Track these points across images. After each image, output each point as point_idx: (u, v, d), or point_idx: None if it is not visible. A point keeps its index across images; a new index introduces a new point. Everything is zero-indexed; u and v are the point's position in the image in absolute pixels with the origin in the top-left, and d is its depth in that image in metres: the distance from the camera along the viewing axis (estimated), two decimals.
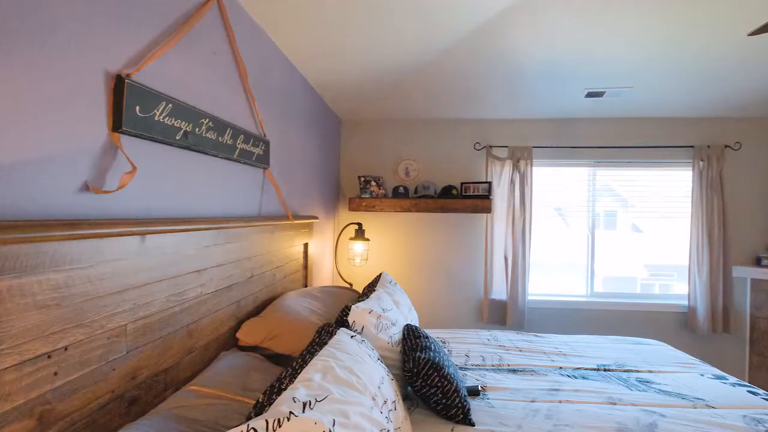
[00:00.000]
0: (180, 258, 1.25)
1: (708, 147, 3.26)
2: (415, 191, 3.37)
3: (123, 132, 1.08)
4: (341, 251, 3.40)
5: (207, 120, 1.45)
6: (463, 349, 2.13)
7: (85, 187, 0.97)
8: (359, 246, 3.13)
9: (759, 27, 1.71)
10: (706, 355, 3.25)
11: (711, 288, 3.19)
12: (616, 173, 3.50)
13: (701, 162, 3.26)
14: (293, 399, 0.91)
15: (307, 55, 2.36)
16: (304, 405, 0.90)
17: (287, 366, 1.20)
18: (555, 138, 3.40)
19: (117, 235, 0.98)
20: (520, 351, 2.12)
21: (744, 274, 3.20)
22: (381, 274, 2.28)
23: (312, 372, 1.07)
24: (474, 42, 2.34)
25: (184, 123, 1.32)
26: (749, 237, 3.27)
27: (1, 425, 0.74)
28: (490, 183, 3.33)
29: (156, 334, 1.16)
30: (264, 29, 1.98)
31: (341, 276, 3.25)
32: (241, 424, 0.80)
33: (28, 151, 0.85)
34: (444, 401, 1.43)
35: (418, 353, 1.51)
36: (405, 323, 1.83)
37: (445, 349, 2.14)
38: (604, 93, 3.01)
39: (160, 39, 1.22)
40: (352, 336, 1.40)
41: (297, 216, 2.30)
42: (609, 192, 3.59)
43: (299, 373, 1.06)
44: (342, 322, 1.56)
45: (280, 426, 0.81)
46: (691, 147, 3.28)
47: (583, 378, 1.79)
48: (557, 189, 3.53)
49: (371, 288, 2.05)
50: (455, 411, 1.42)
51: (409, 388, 1.55)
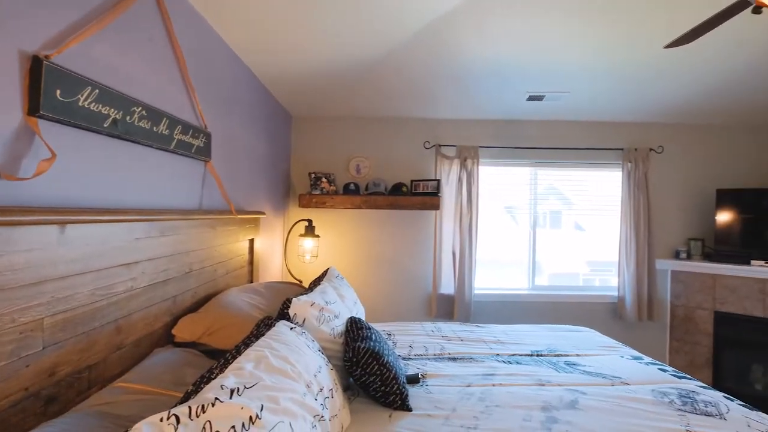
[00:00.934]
0: (108, 250, 1.20)
1: (635, 150, 3.54)
2: (366, 188, 3.40)
3: (41, 116, 1.02)
4: (291, 248, 3.37)
5: (140, 108, 1.40)
6: (408, 341, 2.19)
7: None
8: (309, 242, 3.11)
9: (673, 40, 1.89)
10: (633, 341, 3.52)
11: (637, 280, 3.47)
12: (558, 173, 3.72)
13: (629, 163, 3.53)
14: (221, 386, 0.91)
15: (255, 50, 2.33)
16: (231, 392, 0.90)
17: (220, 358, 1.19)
18: (500, 138, 3.56)
19: (31, 224, 0.93)
20: (461, 341, 2.21)
21: (665, 266, 3.51)
22: (328, 269, 2.29)
23: (245, 362, 1.06)
24: (422, 42, 2.41)
25: (113, 110, 1.27)
26: (670, 232, 3.59)
27: None
28: (438, 181, 3.43)
29: (79, 329, 1.11)
30: (205, 18, 1.94)
31: (290, 273, 3.22)
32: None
33: None
34: (383, 389, 1.47)
35: (358, 343, 1.54)
36: (349, 316, 1.85)
37: (390, 341, 2.19)
38: (544, 97, 3.19)
39: (85, 20, 1.17)
40: (291, 328, 1.40)
41: (242, 211, 2.26)
42: (554, 192, 3.80)
43: (231, 363, 1.05)
44: (283, 314, 1.56)
45: (204, 412, 0.81)
46: (621, 149, 3.55)
47: (517, 363, 1.90)
48: (503, 188, 3.69)
49: (317, 282, 2.06)
50: (393, 398, 1.46)
51: (351, 379, 1.58)
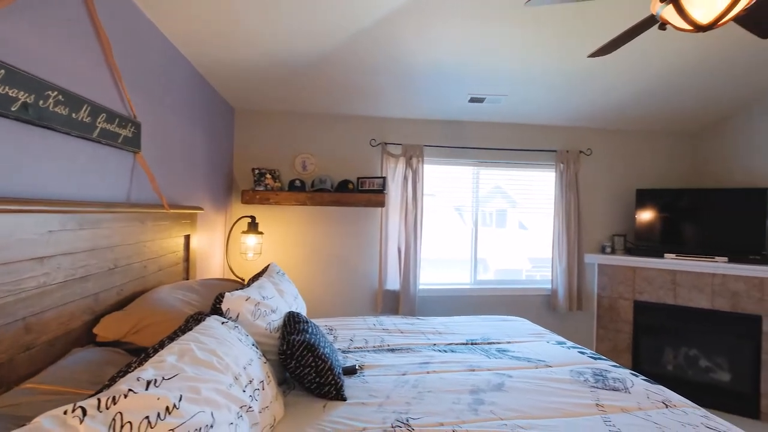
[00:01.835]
0: (13, 242, 1.12)
1: (567, 152, 3.79)
2: (312, 185, 3.38)
3: None
4: (234, 245, 3.28)
5: (56, 93, 1.32)
6: (349, 335, 2.21)
7: None
8: (252, 239, 3.05)
9: (595, 51, 2.05)
10: (564, 330, 3.77)
11: (568, 273, 3.72)
12: (500, 173, 3.88)
13: (562, 164, 3.78)
14: (137, 378, 0.88)
15: (193, 39, 2.25)
16: (148, 383, 0.87)
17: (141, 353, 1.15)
18: (444, 138, 3.67)
19: None
20: (401, 333, 2.27)
21: (593, 260, 3.79)
22: (269, 264, 2.27)
23: (167, 355, 1.04)
24: (367, 40, 2.44)
25: (22, 93, 1.19)
26: (597, 229, 3.88)
27: None
28: (384, 178, 3.48)
29: None
30: (135, 3, 1.85)
31: (232, 270, 3.14)
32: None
33: None
34: (318, 380, 1.48)
35: (293, 336, 1.54)
36: (288, 311, 1.84)
37: (331, 336, 2.20)
38: (484, 99, 3.34)
39: None
40: (223, 322, 1.38)
41: (176, 206, 2.18)
42: (500, 193, 3.98)
43: (152, 357, 1.02)
44: (216, 309, 1.53)
45: (114, 403, 0.78)
46: (554, 151, 3.79)
47: (452, 351, 1.98)
48: (448, 186, 3.81)
49: (256, 278, 2.03)
50: (328, 388, 1.48)
51: (287, 373, 1.58)
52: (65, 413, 0.73)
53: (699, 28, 1.54)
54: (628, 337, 3.62)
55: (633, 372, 1.75)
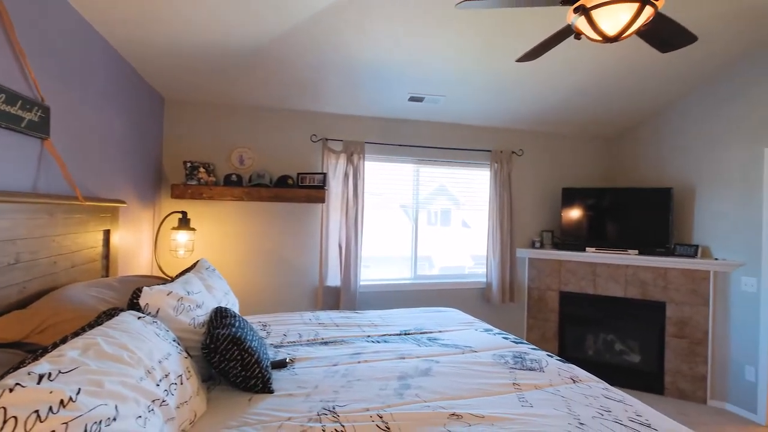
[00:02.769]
0: None
1: (501, 152, 3.99)
2: (250, 180, 3.29)
3: None
4: (163, 242, 3.11)
5: None
6: (283, 330, 2.19)
7: None
8: (183, 236, 2.91)
9: (522, 55, 2.17)
10: (498, 320, 3.97)
11: (502, 267, 3.93)
12: (440, 171, 3.99)
13: (496, 164, 3.98)
14: (28, 373, 0.82)
15: (114, 19, 2.12)
16: (40, 377, 0.82)
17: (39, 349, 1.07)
18: (385, 135, 3.73)
19: None
20: (337, 326, 2.28)
21: (524, 254, 4.03)
22: (198, 260, 2.18)
23: (69, 349, 0.97)
24: (306, 34, 2.42)
25: None
26: (528, 226, 4.13)
27: None
28: (325, 174, 3.47)
29: None
30: None
31: (161, 268, 2.97)
32: None
33: None
34: (243, 373, 1.45)
35: (218, 330, 1.50)
36: (216, 306, 1.79)
37: (264, 332, 2.16)
38: (423, 99, 3.43)
39: None
40: (139, 317, 1.32)
41: (94, 198, 2.03)
42: (444, 192, 4.09)
43: (51, 352, 0.95)
44: (133, 305, 1.45)
45: None
46: (489, 151, 3.98)
47: (385, 342, 2.02)
48: (389, 183, 3.87)
49: (183, 274, 1.95)
50: (255, 381, 1.46)
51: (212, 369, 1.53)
52: None
53: (607, 39, 1.70)
54: (554, 326, 3.88)
55: (549, 354, 1.89)
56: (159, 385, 1.10)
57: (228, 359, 1.44)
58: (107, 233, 2.18)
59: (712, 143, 3.36)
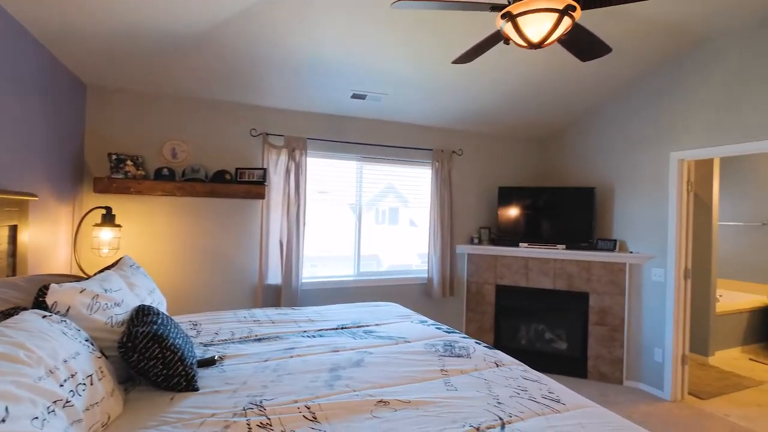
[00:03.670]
0: None
1: (442, 151, 4.12)
2: (183, 174, 3.14)
3: None
4: (84, 240, 2.88)
5: None
6: (215, 328, 2.11)
7: None
8: (107, 233, 2.72)
9: (457, 57, 2.25)
10: (438, 314, 4.10)
11: (442, 263, 4.05)
12: (383, 169, 4.04)
13: (437, 163, 4.10)
14: None
15: None
16: None
17: None
18: (327, 132, 3.71)
19: None
20: (272, 323, 2.24)
21: (463, 250, 4.18)
22: (122, 257, 2.06)
23: None
24: (243, 24, 2.36)
25: None
26: (467, 222, 4.30)
27: None
28: (265, 169, 3.39)
29: None
30: None
31: (81, 268, 2.76)
32: None
33: None
34: (165, 372, 1.39)
35: (137, 328, 1.42)
36: (139, 305, 1.69)
37: (194, 330, 2.08)
38: (366, 96, 3.46)
39: None
40: (44, 316, 1.22)
41: None
42: (392, 191, 4.13)
43: None
44: (39, 303, 1.35)
45: None
46: (431, 150, 4.09)
47: (320, 336, 2.02)
48: (338, 183, 3.85)
49: (102, 272, 1.83)
50: (178, 380, 1.40)
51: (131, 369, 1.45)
52: None
53: (532, 45, 1.82)
54: (491, 318, 4.07)
55: (478, 341, 1.99)
56: (63, 386, 1.03)
57: (148, 357, 1.37)
58: (14, 229, 1.99)
59: (628, 147, 3.68)
